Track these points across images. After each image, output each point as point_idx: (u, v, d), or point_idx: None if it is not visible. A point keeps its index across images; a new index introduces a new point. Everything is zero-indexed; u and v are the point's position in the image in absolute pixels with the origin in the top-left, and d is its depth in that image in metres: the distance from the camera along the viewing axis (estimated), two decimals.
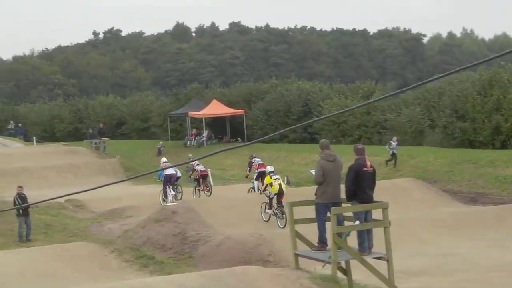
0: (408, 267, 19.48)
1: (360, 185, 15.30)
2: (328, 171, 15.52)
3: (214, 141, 55.13)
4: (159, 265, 20.83)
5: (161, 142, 55.01)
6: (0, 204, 31.62)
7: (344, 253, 15.09)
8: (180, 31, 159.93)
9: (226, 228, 24.43)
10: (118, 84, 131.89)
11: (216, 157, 49.41)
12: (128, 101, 71.98)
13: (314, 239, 15.87)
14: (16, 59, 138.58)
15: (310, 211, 16.03)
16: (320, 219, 15.70)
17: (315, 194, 15.85)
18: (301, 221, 16.00)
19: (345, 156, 37.86)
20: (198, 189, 34.04)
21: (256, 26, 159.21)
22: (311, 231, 16.00)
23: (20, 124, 65.32)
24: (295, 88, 56.43)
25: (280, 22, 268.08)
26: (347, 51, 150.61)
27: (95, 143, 54.82)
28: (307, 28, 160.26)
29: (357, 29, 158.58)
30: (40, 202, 19.37)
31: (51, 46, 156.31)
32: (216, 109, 55.53)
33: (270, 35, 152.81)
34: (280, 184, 26.83)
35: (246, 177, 34.40)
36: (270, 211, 26.79)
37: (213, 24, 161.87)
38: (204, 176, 34.34)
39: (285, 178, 39.68)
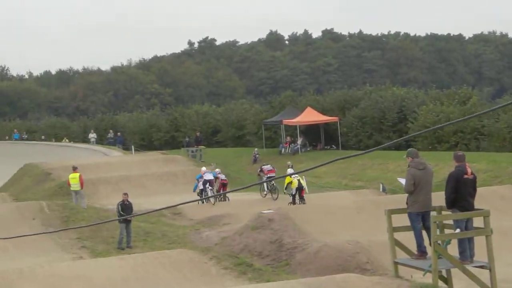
0: (510, 276, 19.10)
1: (461, 193, 15.13)
2: (419, 179, 15.44)
3: (308, 149, 55.15)
4: (257, 272, 20.98)
5: (256, 150, 55.37)
6: (101, 212, 32.44)
7: (445, 261, 14.94)
8: (274, 39, 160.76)
9: (322, 236, 24.39)
10: (212, 92, 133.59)
11: (311, 164, 49.56)
12: (223, 110, 72.83)
13: (413, 247, 15.78)
14: (114, 69, 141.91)
15: (407, 218, 15.93)
16: (415, 228, 15.61)
17: (406, 203, 15.79)
18: (399, 229, 15.92)
19: (441, 163, 37.41)
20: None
21: (349, 33, 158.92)
22: (409, 239, 15.90)
23: (119, 133, 66.85)
24: (389, 95, 55.99)
25: (373, 28, 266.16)
26: (441, 56, 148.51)
27: (192, 151, 55.61)
28: (401, 33, 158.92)
29: (452, 34, 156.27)
30: (147, 212, 19.82)
31: (148, 56, 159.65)
32: (310, 116, 55.57)
33: (363, 42, 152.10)
34: (298, 180, 31.80)
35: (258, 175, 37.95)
36: (292, 204, 31.72)
37: (306, 31, 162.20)
38: (225, 185, 36.85)
39: (381, 185, 39.40)
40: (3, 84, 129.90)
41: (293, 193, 32.03)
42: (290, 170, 33.85)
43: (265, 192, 35.88)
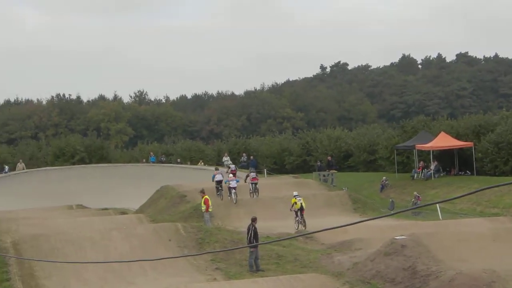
0: None
1: None
2: None
3: (442, 174, 54.21)
4: None
5: (384, 177, 54.73)
6: (234, 234, 32.96)
7: None
8: (406, 63, 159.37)
9: (456, 263, 24.00)
10: (344, 117, 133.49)
11: (445, 191, 48.69)
12: (354, 134, 72.52)
13: None
14: (247, 93, 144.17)
15: None
16: None
17: None
18: None
19: None
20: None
21: (484, 57, 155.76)
22: None
23: (252, 157, 67.65)
24: None
25: (510, 51, 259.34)
26: None
27: (324, 175, 55.64)
28: None
29: None
30: (282, 239, 20.06)
31: (280, 80, 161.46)
32: (444, 141, 54.62)
33: (499, 65, 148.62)
34: (301, 203, 37.41)
35: (245, 181, 45.81)
36: (296, 219, 37.50)
37: (439, 55, 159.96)
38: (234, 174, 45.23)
39: None
40: (142, 108, 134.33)
41: (295, 211, 37.47)
42: (295, 193, 39.00)
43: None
